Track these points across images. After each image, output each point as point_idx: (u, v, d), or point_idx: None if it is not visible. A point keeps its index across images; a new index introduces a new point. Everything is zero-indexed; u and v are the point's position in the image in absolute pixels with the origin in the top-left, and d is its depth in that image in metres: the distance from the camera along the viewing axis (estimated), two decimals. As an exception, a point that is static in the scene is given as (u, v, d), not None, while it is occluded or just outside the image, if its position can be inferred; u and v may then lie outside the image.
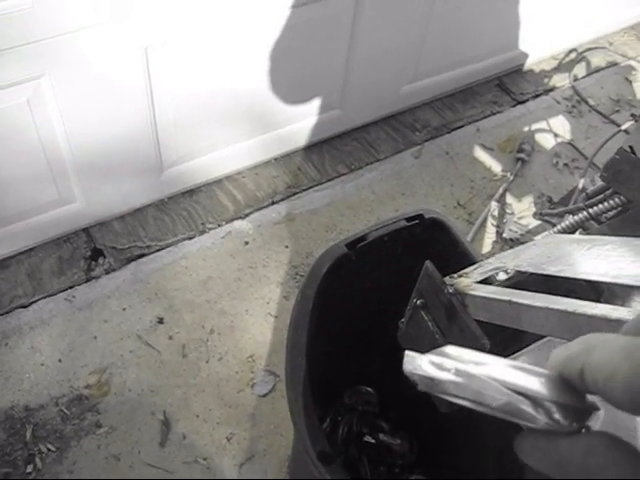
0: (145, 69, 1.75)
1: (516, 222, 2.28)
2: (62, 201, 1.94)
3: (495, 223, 2.28)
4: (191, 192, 2.21)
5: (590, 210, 1.22)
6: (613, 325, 0.58)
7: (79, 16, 1.54)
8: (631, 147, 1.10)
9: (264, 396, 1.77)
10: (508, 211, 2.32)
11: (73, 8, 1.52)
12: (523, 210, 2.33)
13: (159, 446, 1.67)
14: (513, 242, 2.22)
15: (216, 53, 1.86)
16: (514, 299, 0.70)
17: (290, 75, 2.09)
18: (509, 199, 2.37)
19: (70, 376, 1.77)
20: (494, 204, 2.33)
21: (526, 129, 2.65)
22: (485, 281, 0.82)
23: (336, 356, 1.34)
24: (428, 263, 0.82)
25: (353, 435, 1.54)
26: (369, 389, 1.60)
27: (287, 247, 2.10)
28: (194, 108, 1.96)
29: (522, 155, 2.49)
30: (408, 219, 1.10)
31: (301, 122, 2.29)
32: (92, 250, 2.03)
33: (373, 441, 1.52)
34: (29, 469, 1.61)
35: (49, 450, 1.64)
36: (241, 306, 1.94)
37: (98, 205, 2.02)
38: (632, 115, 1.49)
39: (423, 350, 0.89)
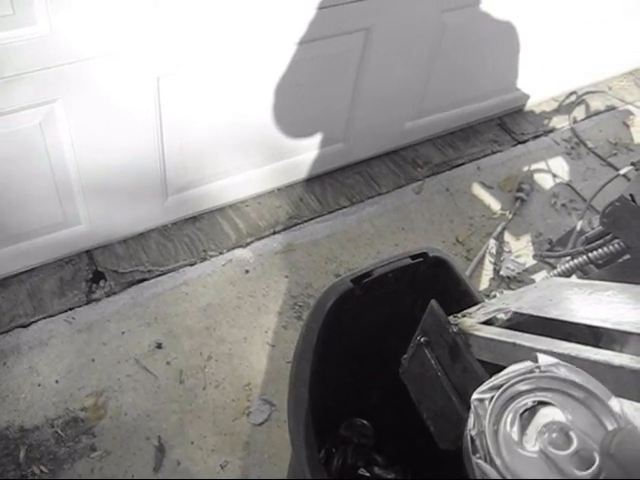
0: (156, 98, 1.78)
1: (513, 260, 2.31)
2: (67, 223, 1.96)
3: (493, 261, 2.31)
4: (194, 219, 2.24)
5: (590, 254, 1.25)
6: (616, 371, 0.60)
7: (94, 44, 1.58)
8: (632, 195, 1.13)
9: (259, 425, 1.78)
10: (506, 249, 2.35)
11: (88, 36, 1.55)
12: (521, 249, 2.36)
13: (153, 472, 1.67)
14: (510, 280, 2.24)
15: (225, 85, 1.90)
16: (518, 341, 0.72)
17: (296, 108, 2.13)
18: (507, 237, 2.40)
19: (67, 398, 1.77)
20: (492, 242, 2.35)
21: (526, 169, 2.69)
22: (487, 322, 0.84)
23: (335, 388, 1.35)
24: (433, 302, 0.84)
25: (347, 468, 1.55)
26: (365, 422, 1.60)
27: (287, 277, 2.12)
28: (201, 137, 1.99)
29: (521, 194, 2.53)
30: (412, 257, 1.12)
31: (305, 154, 2.32)
32: (93, 272, 2.04)
33: (367, 474, 1.53)
34: (22, 490, 1.60)
35: (42, 472, 1.64)
36: (240, 334, 1.96)
37: (102, 228, 2.04)
38: (633, 164, 1.52)
39: (425, 387, 0.91)
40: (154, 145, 1.90)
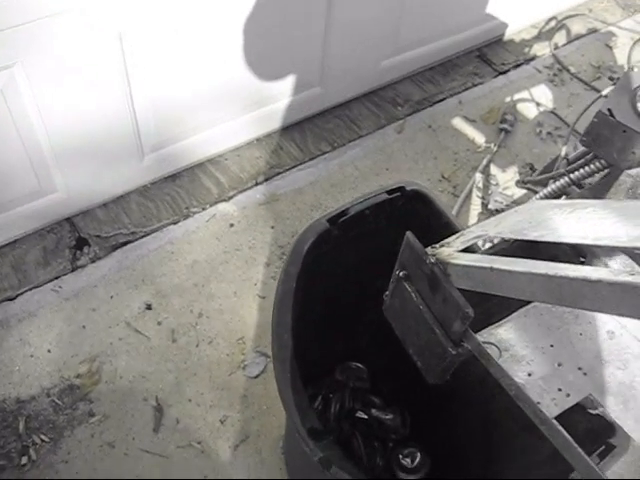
0: (120, 54, 1.72)
1: (501, 193, 2.28)
2: (43, 191, 1.92)
3: (480, 195, 2.28)
4: (174, 177, 2.20)
5: (571, 175, 1.22)
6: (594, 286, 0.58)
7: (51, 1, 1.51)
8: (610, 110, 1.10)
9: (255, 377, 1.77)
10: (493, 182, 2.32)
11: (43, -7, 1.49)
12: (508, 181, 2.33)
13: (153, 432, 1.67)
14: (499, 213, 2.22)
15: (191, 35, 1.84)
16: (495, 265, 0.69)
17: (268, 53, 2.07)
18: (493, 170, 2.36)
19: (60, 366, 1.76)
20: (478, 176, 2.32)
21: (508, 99, 2.64)
22: (469, 250, 0.82)
23: (325, 333, 1.34)
24: (409, 234, 0.82)
25: (345, 412, 1.54)
26: (360, 365, 1.60)
27: (272, 227, 2.09)
28: (172, 92, 1.94)
29: (505, 126, 2.49)
30: (389, 192, 1.09)
31: (281, 101, 2.27)
32: (77, 239, 2.01)
33: (365, 417, 1.53)
34: (24, 461, 1.60)
35: (43, 441, 1.64)
36: (229, 288, 1.94)
37: (80, 194, 2.00)
38: (610, 79, 1.48)
39: (408, 322, 0.89)
40: (124, 104, 1.85)
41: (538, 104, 2.65)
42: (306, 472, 1.18)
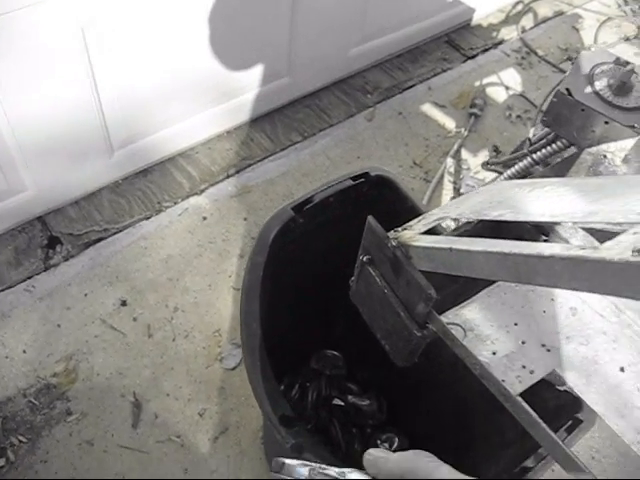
0: (83, 46, 1.70)
1: (473, 177, 2.29)
2: (12, 191, 1.90)
3: (452, 179, 2.29)
4: (145, 172, 2.18)
5: (534, 155, 1.23)
6: (547, 262, 0.58)
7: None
8: (568, 90, 1.10)
9: (233, 369, 1.77)
10: (464, 167, 2.33)
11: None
12: (479, 165, 2.34)
13: (132, 428, 1.67)
14: (471, 197, 2.23)
15: (156, 27, 1.82)
16: (454, 246, 0.70)
17: (234, 43, 2.06)
18: (464, 155, 2.38)
19: (36, 366, 1.75)
20: (450, 161, 2.33)
21: (477, 84, 2.65)
22: (433, 232, 0.82)
23: (299, 322, 1.34)
24: (370, 218, 0.82)
25: (322, 399, 1.55)
26: (335, 352, 1.60)
27: (245, 219, 2.09)
28: (139, 86, 1.92)
29: (475, 110, 2.50)
30: (354, 178, 1.09)
31: (250, 92, 2.26)
32: (48, 238, 2.00)
33: (342, 404, 1.53)
34: (2, 462, 1.59)
35: (20, 442, 1.63)
36: (204, 282, 1.93)
37: (50, 192, 1.99)
38: (569, 59, 1.49)
39: (374, 306, 0.89)
40: (90, 99, 1.83)
41: (507, 88, 2.66)
42: (282, 460, 1.18)
